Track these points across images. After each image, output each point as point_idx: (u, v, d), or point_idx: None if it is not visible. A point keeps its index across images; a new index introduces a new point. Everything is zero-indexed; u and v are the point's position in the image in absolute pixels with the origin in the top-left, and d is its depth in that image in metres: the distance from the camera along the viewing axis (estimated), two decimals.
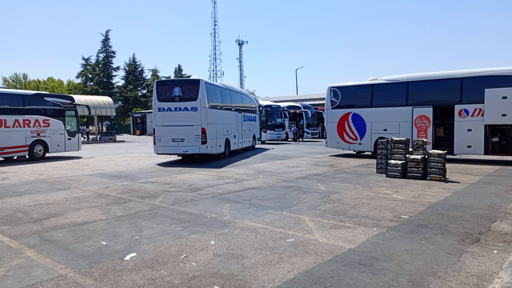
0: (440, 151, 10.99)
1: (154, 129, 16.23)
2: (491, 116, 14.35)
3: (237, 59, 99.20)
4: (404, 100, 16.58)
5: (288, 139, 34.13)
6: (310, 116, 36.43)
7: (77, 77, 65.50)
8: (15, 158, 18.09)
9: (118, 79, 68.10)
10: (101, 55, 64.45)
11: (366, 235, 5.60)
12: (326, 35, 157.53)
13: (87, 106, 23.92)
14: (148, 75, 70.21)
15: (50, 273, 4.29)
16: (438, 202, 7.88)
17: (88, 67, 64.30)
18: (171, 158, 17.92)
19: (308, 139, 35.67)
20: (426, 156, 11.03)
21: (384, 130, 16.95)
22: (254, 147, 24.42)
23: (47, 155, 18.66)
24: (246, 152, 21.98)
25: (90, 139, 37.79)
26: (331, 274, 4.16)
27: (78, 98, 32.65)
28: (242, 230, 5.94)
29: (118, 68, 65.61)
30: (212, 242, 5.32)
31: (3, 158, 17.39)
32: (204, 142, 15.56)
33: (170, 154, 17.24)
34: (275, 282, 3.98)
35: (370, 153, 17.99)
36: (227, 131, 18.41)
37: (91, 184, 10.70)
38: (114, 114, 42.87)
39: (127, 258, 4.72)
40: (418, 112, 16.08)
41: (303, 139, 34.77)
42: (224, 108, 18.53)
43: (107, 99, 39.73)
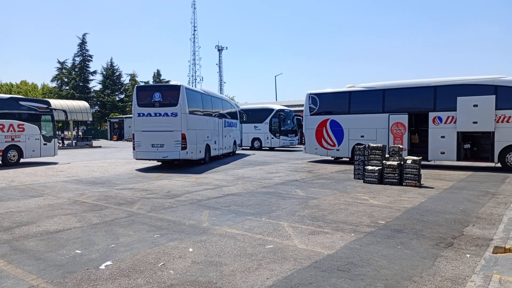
0: (415, 157, 11.26)
1: (133, 134, 16.09)
2: (463, 123, 14.83)
3: (216, 64, 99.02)
4: (380, 107, 16.94)
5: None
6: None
7: (52, 80, 63.98)
8: None
9: (95, 84, 66.98)
10: (77, 59, 63.25)
11: (344, 241, 5.66)
12: (305, 43, 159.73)
13: (64, 111, 23.42)
14: (126, 79, 69.27)
15: (21, 284, 4.14)
16: (414, 208, 8.06)
17: (63, 70, 62.89)
18: (149, 164, 17.65)
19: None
20: (402, 162, 11.28)
21: (362, 136, 17.24)
22: (235, 152, 24.44)
23: (22, 160, 18.15)
24: (227, 158, 21.97)
25: (65, 145, 36.81)
26: (310, 280, 4.18)
27: (54, 103, 31.84)
28: (221, 237, 5.90)
29: (95, 72, 64.50)
30: (191, 250, 5.26)
31: None
32: (184, 148, 15.50)
33: (150, 160, 17.07)
34: None
35: (348, 159, 18.24)
36: (208, 137, 18.38)
37: (66, 190, 10.42)
38: (91, 119, 41.90)
39: (103, 267, 4.61)
40: (394, 119, 16.45)
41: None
42: (205, 114, 18.53)
43: (84, 104, 38.88)
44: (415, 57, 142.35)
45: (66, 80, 62.34)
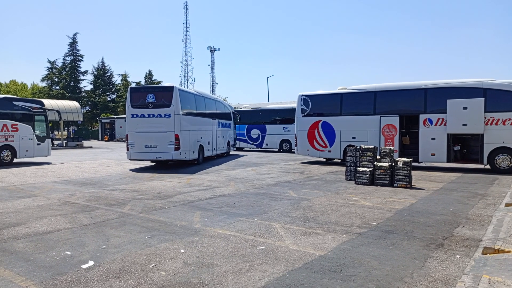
0: (406, 159, 11.36)
1: (127, 135, 16.24)
2: (453, 125, 14.99)
3: (209, 65, 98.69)
4: (372, 109, 17.05)
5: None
6: None
7: (42, 80, 63.11)
8: None
9: (86, 84, 66.25)
10: (68, 59, 62.54)
11: (335, 242, 5.68)
12: (297, 45, 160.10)
13: (58, 111, 23.59)
14: (117, 80, 68.74)
15: (10, 285, 4.08)
16: (405, 209, 8.12)
17: (54, 70, 62.13)
18: (141, 165, 17.55)
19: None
20: (393, 164, 11.37)
21: (353, 138, 17.34)
22: (229, 153, 24.59)
23: (15, 160, 18.15)
24: (220, 158, 22.08)
25: (56, 145, 36.40)
26: (302, 281, 4.18)
27: (46, 103, 31.52)
28: (213, 238, 5.88)
29: (86, 72, 63.83)
30: (182, 251, 5.23)
31: None
32: (177, 149, 15.69)
33: (143, 160, 17.16)
34: None
35: (340, 160, 18.33)
36: (201, 138, 18.55)
37: (56, 191, 10.30)
38: (82, 119, 41.56)
39: (92, 268, 4.56)
40: (386, 121, 16.57)
41: None
42: (198, 115, 18.71)
43: (74, 104, 38.53)
44: (408, 59, 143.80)
45: (56, 80, 61.62)
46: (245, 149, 30.34)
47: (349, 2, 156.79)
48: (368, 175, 11.56)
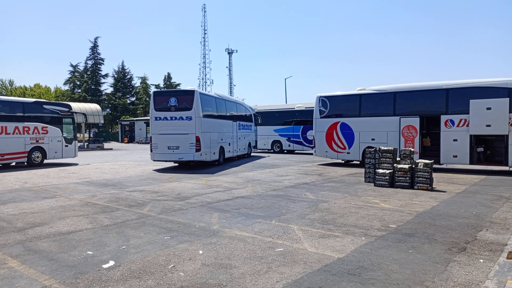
0: (427, 161, 11.14)
1: (151, 137, 16.95)
2: (476, 126, 14.62)
3: (226, 67, 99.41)
4: (391, 110, 16.80)
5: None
6: None
7: (64, 84, 64.89)
8: (13, 164, 18.46)
9: (107, 86, 67.72)
10: (89, 62, 64.05)
11: (354, 244, 5.61)
12: (315, 45, 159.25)
13: (84, 114, 24.58)
14: (137, 82, 69.96)
15: (34, 284, 4.19)
16: (425, 211, 7.96)
17: (76, 74, 63.71)
18: (161, 166, 17.79)
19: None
20: (414, 166, 11.16)
21: (372, 139, 17.12)
22: (250, 154, 25.02)
23: (45, 161, 18.96)
24: (241, 159, 22.39)
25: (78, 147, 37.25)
26: (320, 284, 4.15)
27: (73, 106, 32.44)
28: (231, 239, 5.90)
29: (106, 75, 65.27)
30: (201, 252, 5.27)
31: (1, 164, 17.71)
32: (198, 150, 16.31)
33: (166, 161, 17.74)
34: None
35: (358, 162, 18.12)
36: (222, 139, 19.10)
37: (78, 192, 10.54)
38: (102, 121, 42.40)
39: (113, 268, 4.64)
40: (406, 122, 16.30)
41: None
42: (219, 117, 19.29)
43: (95, 106, 39.33)
44: (427, 59, 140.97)
45: (78, 83, 63.18)
46: (297, 152, 29.19)
47: (367, 1, 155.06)
48: (387, 177, 11.39)
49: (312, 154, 20.23)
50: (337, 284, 4.15)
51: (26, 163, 18.06)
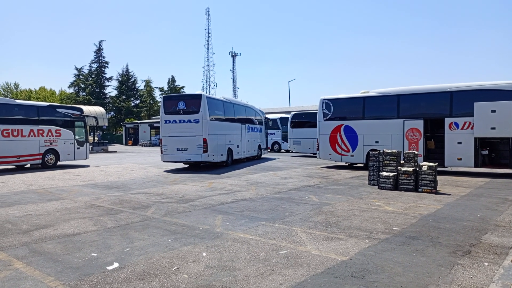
0: (431, 164, 11.09)
1: (161, 139, 17.90)
2: (480, 129, 14.56)
3: (230, 70, 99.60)
4: (395, 113, 16.77)
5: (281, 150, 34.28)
6: None
7: (69, 87, 65.39)
8: (28, 166, 18.92)
9: (111, 89, 68.40)
10: (94, 65, 64.53)
11: (358, 247, 5.61)
12: (318, 48, 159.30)
13: (95, 117, 25.35)
14: (141, 85, 70.27)
15: (39, 285, 4.22)
16: (430, 214, 7.93)
17: (80, 77, 64.17)
18: (165, 168, 17.85)
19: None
20: (418, 168, 11.13)
21: (376, 142, 17.08)
22: (260, 156, 25.63)
23: (58, 163, 19.49)
24: (250, 161, 23.00)
25: None
26: (323, 287, 4.15)
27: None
28: (235, 241, 5.91)
29: (111, 78, 65.68)
30: (204, 254, 5.28)
31: (16, 166, 18.28)
32: (205, 151, 17.16)
33: (176, 162, 18.40)
34: None
35: (362, 165, 18.07)
36: (230, 141, 19.93)
37: (82, 194, 10.60)
38: (107, 124, 42.64)
39: (117, 269, 4.67)
40: (409, 124, 16.25)
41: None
42: (227, 120, 20.03)
43: (100, 109, 39.58)
44: (430, 62, 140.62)
45: (83, 86, 63.59)
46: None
47: (370, 4, 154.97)
48: (391, 180, 11.36)
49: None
50: (340, 287, 4.14)
51: (40, 165, 18.56)
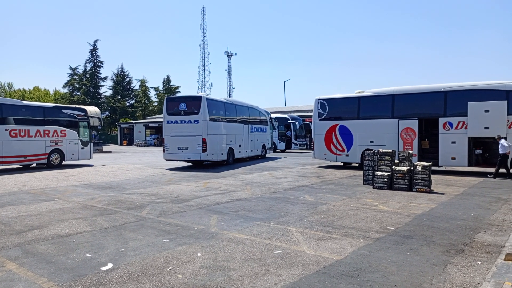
0: (425, 163, 11.16)
1: (163, 138, 18.71)
2: (474, 129, 14.66)
3: (226, 70, 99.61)
4: (390, 113, 16.84)
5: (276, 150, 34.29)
6: (298, 127, 36.54)
7: (63, 86, 65.07)
8: (34, 165, 19.19)
9: (106, 89, 68.04)
10: (88, 65, 64.27)
11: (353, 247, 5.62)
12: (314, 48, 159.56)
13: (99, 118, 25.44)
14: (136, 85, 70.05)
15: (32, 287, 4.19)
16: (424, 213, 7.98)
17: (75, 76, 63.84)
18: (157, 169, 17.81)
19: (296, 150, 35.84)
20: (412, 168, 11.18)
21: (371, 142, 17.15)
22: (265, 156, 26.00)
23: (63, 163, 19.76)
24: (253, 160, 23.40)
25: None
26: (318, 286, 4.16)
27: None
28: (229, 241, 5.91)
29: (106, 78, 65.44)
30: (199, 254, 5.28)
31: (22, 165, 18.56)
32: (204, 150, 17.83)
33: (177, 160, 19.28)
34: None
35: (357, 164, 18.14)
36: (231, 141, 20.49)
37: (76, 195, 10.54)
38: (102, 124, 42.38)
39: (111, 270, 4.64)
40: (404, 124, 16.33)
41: (291, 149, 35.07)
42: (228, 120, 20.45)
43: (94, 109, 39.21)
44: (425, 62, 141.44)
45: (77, 86, 63.26)
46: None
47: (365, 6, 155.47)
48: (386, 180, 11.41)
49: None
50: (335, 286, 4.15)
51: (46, 165, 18.78)
